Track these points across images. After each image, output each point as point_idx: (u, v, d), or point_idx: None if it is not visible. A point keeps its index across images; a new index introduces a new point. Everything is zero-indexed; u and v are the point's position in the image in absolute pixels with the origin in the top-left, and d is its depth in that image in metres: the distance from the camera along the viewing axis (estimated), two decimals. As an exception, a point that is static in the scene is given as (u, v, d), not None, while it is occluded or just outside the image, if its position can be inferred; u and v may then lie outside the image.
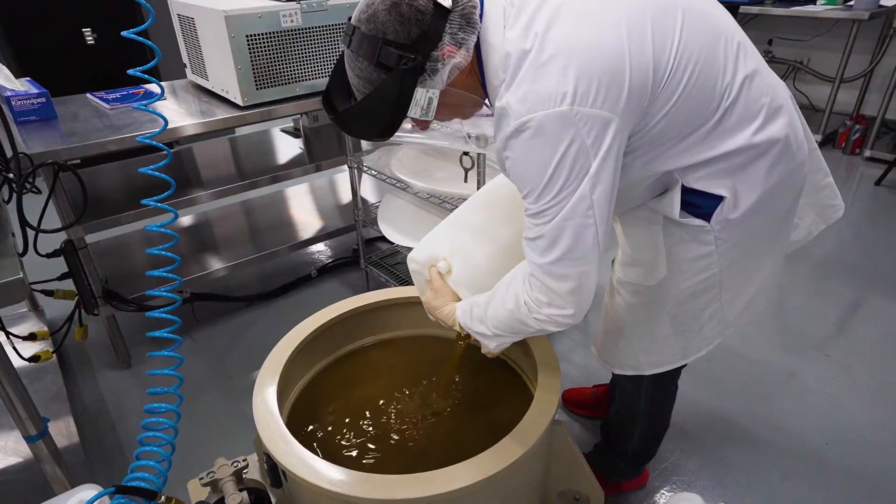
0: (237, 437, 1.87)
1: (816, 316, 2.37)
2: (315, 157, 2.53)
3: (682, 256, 1.09)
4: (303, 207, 2.91)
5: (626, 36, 0.84)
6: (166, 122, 1.43)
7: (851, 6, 3.63)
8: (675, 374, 1.34)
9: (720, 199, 0.99)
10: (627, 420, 1.44)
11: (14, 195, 1.39)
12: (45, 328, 2.27)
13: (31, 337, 1.98)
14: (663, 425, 1.47)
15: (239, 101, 2.02)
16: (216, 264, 2.35)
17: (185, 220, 2.78)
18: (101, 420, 1.95)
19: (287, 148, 2.67)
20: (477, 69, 0.96)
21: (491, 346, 1.12)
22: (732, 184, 0.98)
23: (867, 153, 3.74)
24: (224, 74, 2.05)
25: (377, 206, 2.43)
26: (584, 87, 0.82)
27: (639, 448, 1.49)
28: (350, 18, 0.93)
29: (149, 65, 1.34)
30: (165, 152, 1.38)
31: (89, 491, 1.13)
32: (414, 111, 0.93)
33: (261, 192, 2.80)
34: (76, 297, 2.06)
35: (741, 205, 1.00)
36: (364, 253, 2.49)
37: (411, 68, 0.88)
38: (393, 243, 2.80)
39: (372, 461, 1.30)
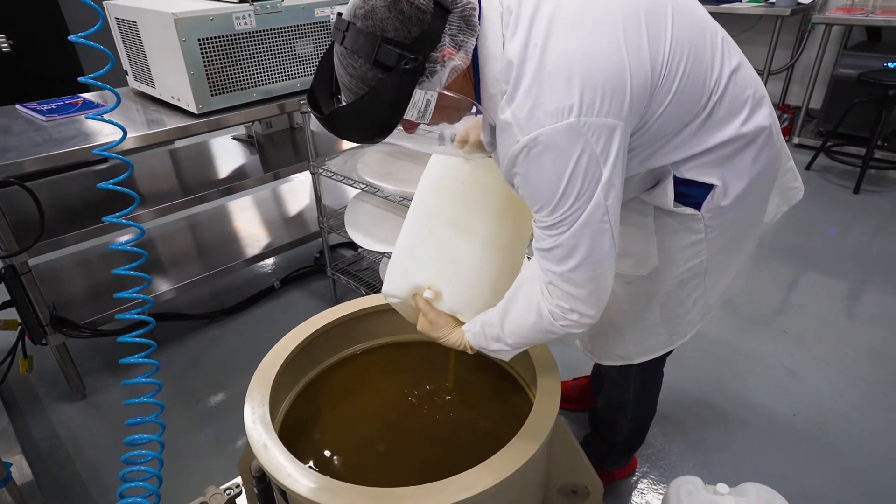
0: (214, 461, 1.77)
1: (767, 296, 2.50)
2: (271, 165, 2.44)
3: (672, 246, 1.12)
4: (259, 218, 2.80)
5: (623, 42, 0.85)
6: (125, 133, 1.33)
7: (774, 4, 3.86)
8: (662, 361, 1.37)
9: (711, 187, 1.02)
10: (617, 410, 1.46)
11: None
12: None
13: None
14: (651, 412, 1.51)
15: (193, 109, 1.92)
16: (173, 282, 2.22)
17: (112, 247, 2.61)
18: (56, 456, 1.80)
19: (240, 156, 2.56)
20: (472, 74, 0.93)
21: (507, 359, 1.11)
22: (722, 173, 1.01)
23: (796, 140, 3.99)
24: (174, 81, 1.94)
25: (340, 212, 2.38)
26: (590, 97, 0.82)
27: (629, 436, 1.52)
28: (340, 14, 0.88)
29: (101, 71, 1.24)
30: (126, 163, 1.29)
31: None
32: (411, 113, 0.89)
33: (214, 204, 2.67)
34: (19, 327, 1.89)
35: (731, 192, 1.04)
36: (328, 261, 2.42)
37: (412, 69, 0.84)
38: (357, 249, 2.75)
39: (374, 474, 1.26)
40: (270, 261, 2.84)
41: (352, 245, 2.86)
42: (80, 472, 1.75)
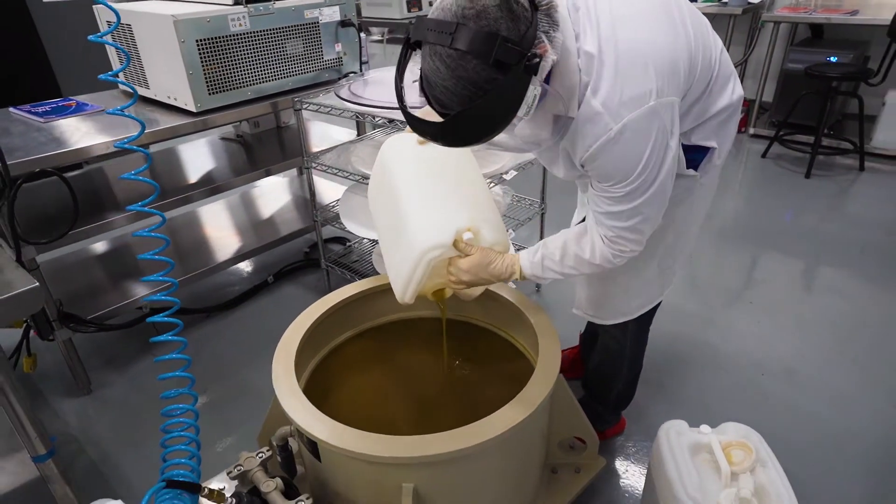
0: (226, 444, 1.84)
1: (734, 272, 2.70)
2: (261, 163, 2.51)
3: (672, 205, 1.24)
4: (248, 215, 2.87)
5: (672, 30, 1.01)
6: (143, 126, 1.40)
7: (726, 3, 4.12)
8: (652, 315, 1.52)
9: (709, 150, 1.18)
10: (612, 368, 1.60)
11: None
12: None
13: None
14: (640, 367, 1.66)
15: (191, 108, 1.99)
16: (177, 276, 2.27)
17: (136, 234, 2.65)
18: (69, 448, 1.84)
19: (230, 155, 2.63)
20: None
21: (548, 281, 1.32)
22: (718, 137, 1.18)
23: (751, 131, 4.26)
24: (172, 81, 2.01)
25: (327, 207, 2.47)
26: (662, 81, 0.96)
27: (621, 392, 1.67)
28: (428, 26, 0.85)
29: (120, 68, 1.33)
30: (146, 155, 1.36)
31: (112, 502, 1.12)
32: (522, 110, 0.90)
33: (204, 202, 2.73)
34: (24, 325, 1.92)
35: (723, 152, 1.22)
36: (322, 253, 2.50)
37: (532, 66, 0.85)
38: (346, 244, 2.84)
39: (391, 431, 1.36)
40: (262, 257, 2.90)
41: (340, 240, 2.95)
42: (95, 462, 1.79)
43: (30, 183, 1.57)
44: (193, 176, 2.41)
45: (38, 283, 1.03)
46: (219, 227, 2.73)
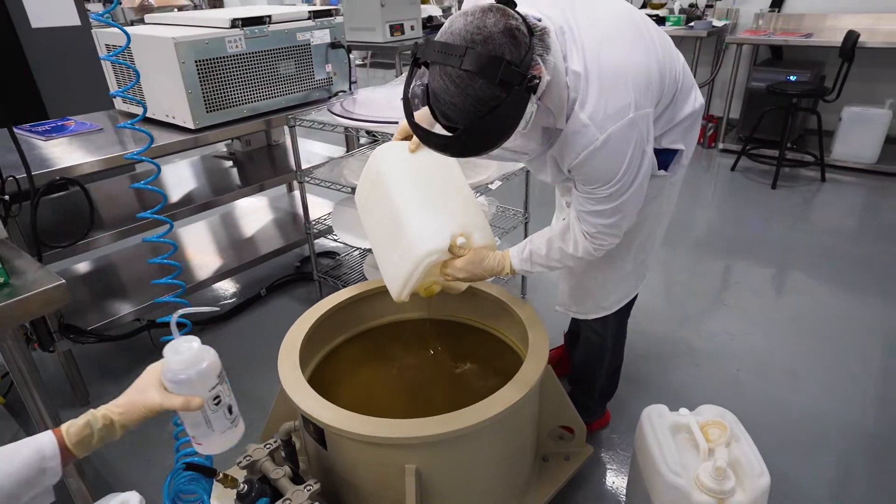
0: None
1: (709, 276, 2.84)
2: (253, 179, 2.60)
3: (647, 203, 1.35)
4: (241, 230, 2.94)
5: (644, 49, 1.14)
6: (152, 139, 1.49)
7: (693, 27, 4.37)
8: (629, 310, 1.64)
9: (677, 152, 1.32)
10: (595, 360, 1.71)
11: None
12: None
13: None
14: (621, 359, 1.77)
15: (190, 125, 2.08)
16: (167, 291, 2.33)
17: (133, 247, 2.70)
18: (69, 459, 1.87)
19: (223, 172, 2.71)
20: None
21: (534, 274, 1.42)
22: (684, 140, 1.32)
23: (720, 146, 4.48)
24: (170, 100, 2.10)
25: (323, 219, 2.56)
26: (638, 95, 1.09)
27: (605, 385, 1.77)
28: (437, 48, 0.94)
29: (129, 85, 1.42)
30: (155, 166, 1.45)
31: (130, 495, 1.17)
32: (521, 125, 0.99)
33: (197, 218, 2.80)
34: (24, 337, 1.96)
35: (688, 154, 1.36)
36: (309, 266, 2.58)
37: (532, 86, 0.95)
38: (335, 257, 2.92)
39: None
40: (252, 272, 2.96)
41: (329, 254, 3.03)
42: (96, 468, 1.82)
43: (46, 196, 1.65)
44: (189, 192, 2.49)
45: (63, 281, 1.10)
46: (211, 243, 2.79)
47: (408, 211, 1.41)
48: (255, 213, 3.14)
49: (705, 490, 1.24)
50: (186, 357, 0.93)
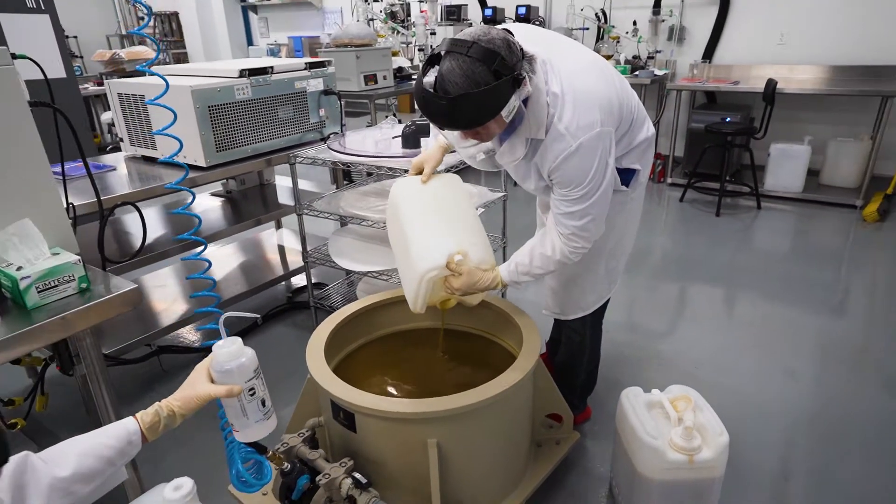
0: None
1: (665, 293, 3.17)
2: (248, 215, 2.79)
3: (612, 215, 1.62)
4: (236, 263, 3.10)
5: (606, 81, 1.44)
6: (187, 170, 1.70)
7: (637, 75, 4.88)
8: (604, 311, 1.90)
9: (635, 171, 1.61)
10: (575, 358, 1.95)
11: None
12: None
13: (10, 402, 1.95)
14: (598, 356, 2.03)
15: (202, 163, 2.28)
16: (171, 319, 2.47)
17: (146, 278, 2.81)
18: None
19: (223, 208, 2.89)
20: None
21: (523, 284, 1.63)
22: (641, 161, 1.61)
23: (669, 180, 4.94)
24: (184, 141, 2.29)
25: (317, 250, 2.76)
26: (603, 115, 1.38)
27: (585, 381, 2.01)
28: (451, 41, 1.23)
29: (169, 124, 1.64)
30: (190, 193, 1.66)
31: (183, 480, 1.32)
32: (504, 111, 1.27)
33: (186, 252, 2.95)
34: (42, 363, 2.06)
35: (644, 174, 1.66)
36: (300, 295, 2.76)
37: (518, 79, 1.24)
38: (325, 286, 3.11)
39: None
40: (246, 303, 3.11)
41: (319, 285, 3.22)
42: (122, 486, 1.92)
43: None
44: (189, 228, 2.66)
45: (137, 285, 1.28)
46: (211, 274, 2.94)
47: (413, 234, 1.63)
48: (244, 248, 3.31)
49: (678, 448, 1.49)
50: (230, 350, 1.13)
